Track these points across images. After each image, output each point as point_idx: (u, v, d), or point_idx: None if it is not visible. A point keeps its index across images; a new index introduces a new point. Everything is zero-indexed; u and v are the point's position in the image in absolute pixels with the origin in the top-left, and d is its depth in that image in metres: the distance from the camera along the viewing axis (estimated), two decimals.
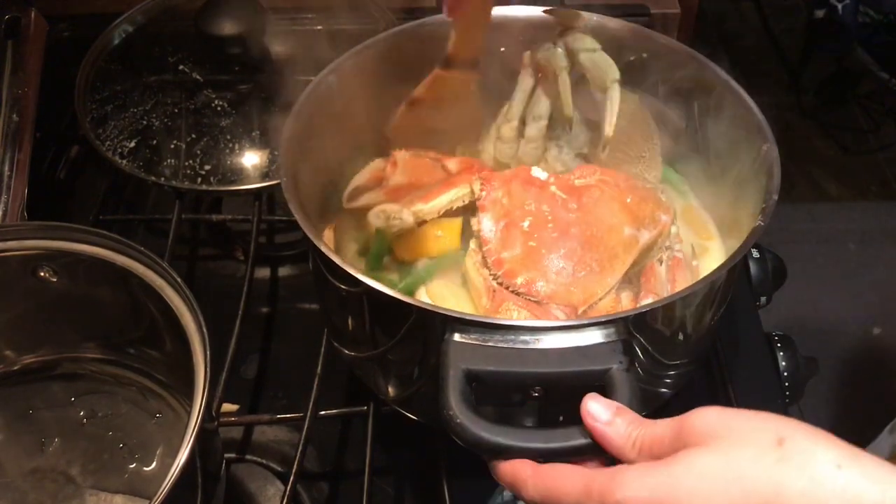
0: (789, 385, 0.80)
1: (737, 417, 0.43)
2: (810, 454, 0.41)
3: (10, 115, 0.84)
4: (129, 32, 0.98)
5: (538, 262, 0.66)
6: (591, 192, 0.69)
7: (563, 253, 0.66)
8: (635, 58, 0.77)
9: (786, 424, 0.42)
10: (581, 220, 0.68)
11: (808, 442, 0.41)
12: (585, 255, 0.66)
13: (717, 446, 0.42)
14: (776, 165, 0.64)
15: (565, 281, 0.65)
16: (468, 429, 0.50)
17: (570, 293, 0.65)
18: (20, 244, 0.65)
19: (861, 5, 2.27)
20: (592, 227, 0.67)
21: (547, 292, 0.65)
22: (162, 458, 0.69)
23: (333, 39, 0.96)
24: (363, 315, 0.63)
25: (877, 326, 1.78)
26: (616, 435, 0.47)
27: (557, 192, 0.69)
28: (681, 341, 0.62)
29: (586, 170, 0.72)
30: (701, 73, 0.73)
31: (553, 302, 0.65)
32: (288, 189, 0.63)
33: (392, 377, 0.67)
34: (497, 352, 0.53)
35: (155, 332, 0.67)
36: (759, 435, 0.42)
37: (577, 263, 0.66)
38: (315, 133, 0.71)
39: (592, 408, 0.49)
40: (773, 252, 0.91)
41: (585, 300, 0.65)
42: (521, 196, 0.69)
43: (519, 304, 0.64)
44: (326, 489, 0.76)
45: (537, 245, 0.67)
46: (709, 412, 0.44)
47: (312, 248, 0.61)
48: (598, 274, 0.66)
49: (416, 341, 0.60)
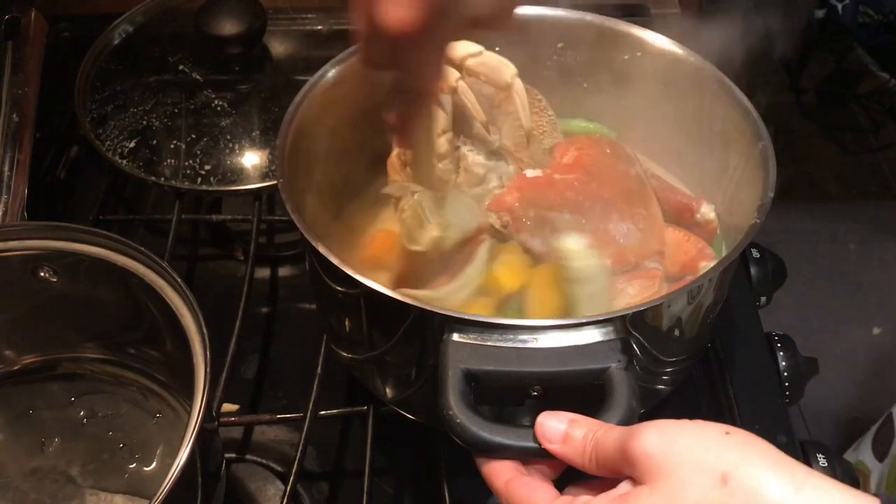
0: (789, 385, 0.80)
1: (678, 443, 0.43)
2: (755, 492, 0.41)
3: (10, 115, 0.84)
4: (129, 32, 0.98)
5: (606, 238, 0.67)
6: (584, 161, 0.71)
7: (617, 218, 0.68)
8: (629, 56, 0.77)
9: (728, 454, 0.42)
10: (601, 184, 0.70)
11: (750, 477, 0.41)
12: (631, 208, 0.69)
13: (662, 486, 0.43)
14: (772, 163, 0.65)
15: (635, 239, 0.68)
16: (468, 428, 0.50)
17: (647, 244, 0.68)
18: (20, 244, 0.65)
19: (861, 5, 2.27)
20: (613, 184, 0.70)
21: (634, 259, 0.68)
22: (162, 458, 0.69)
23: (333, 39, 0.97)
24: (361, 316, 0.63)
25: (877, 326, 1.78)
26: (572, 451, 0.48)
27: (563, 177, 0.70)
28: (679, 338, 0.63)
29: (561, 147, 0.74)
30: (695, 71, 0.73)
31: (642, 259, 0.68)
32: (284, 189, 0.63)
33: (391, 378, 0.67)
34: (496, 351, 0.53)
35: (155, 332, 0.67)
36: (702, 471, 0.42)
37: (631, 219, 0.69)
38: (313, 132, 0.71)
39: (546, 428, 0.49)
40: (773, 252, 0.91)
41: (661, 241, 0.69)
42: (541, 198, 0.69)
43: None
44: (326, 489, 0.76)
45: (594, 226, 0.68)
46: (650, 435, 0.44)
47: (310, 249, 0.61)
48: (649, 217, 0.70)
49: (415, 341, 0.60)
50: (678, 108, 0.76)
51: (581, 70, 0.80)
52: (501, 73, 0.70)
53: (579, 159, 0.72)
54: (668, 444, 0.43)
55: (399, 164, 0.75)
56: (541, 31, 0.79)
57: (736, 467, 0.42)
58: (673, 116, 0.77)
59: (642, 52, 0.76)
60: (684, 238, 0.72)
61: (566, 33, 0.79)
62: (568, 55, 0.80)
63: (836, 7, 2.25)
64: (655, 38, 0.76)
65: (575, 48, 0.79)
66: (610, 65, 0.79)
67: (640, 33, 0.76)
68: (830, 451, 0.74)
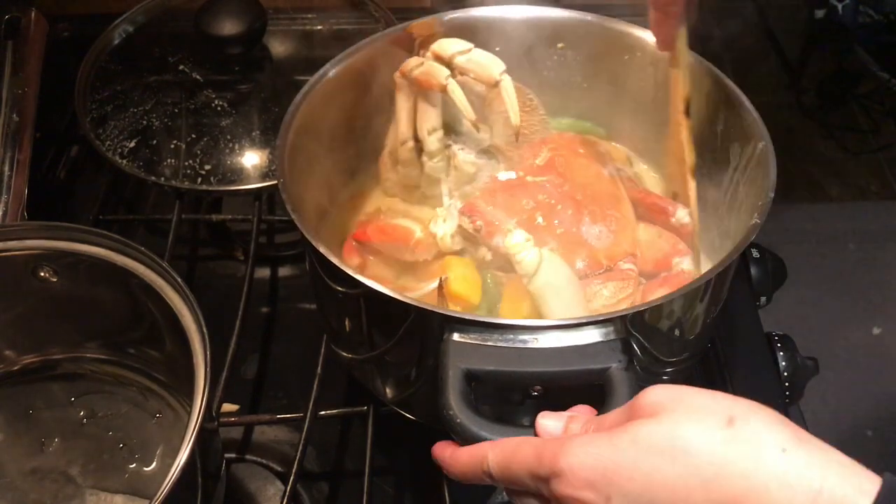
0: (789, 385, 0.80)
1: (689, 393, 0.43)
2: (758, 436, 0.41)
3: (10, 115, 0.84)
4: (129, 32, 0.98)
5: (578, 241, 0.68)
6: (557, 162, 0.72)
7: (589, 220, 0.69)
8: (629, 57, 0.77)
9: (739, 405, 0.42)
10: (574, 186, 0.70)
11: (758, 424, 0.41)
12: (603, 210, 0.70)
13: (665, 418, 0.42)
14: (772, 163, 0.64)
15: (607, 241, 0.69)
16: (469, 428, 0.50)
17: (620, 245, 0.69)
18: (20, 244, 0.65)
19: (861, 5, 2.27)
20: (586, 186, 0.71)
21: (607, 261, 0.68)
22: (162, 458, 0.69)
23: (333, 39, 0.97)
24: (362, 316, 0.63)
25: (877, 326, 1.78)
26: None
27: (536, 179, 0.71)
28: (678, 338, 0.63)
29: (535, 147, 0.74)
30: (694, 71, 0.73)
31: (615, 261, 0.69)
32: (285, 189, 0.63)
33: (391, 378, 0.67)
34: (496, 351, 0.53)
35: (155, 332, 0.67)
36: (710, 411, 0.42)
37: (603, 221, 0.69)
38: (313, 132, 0.71)
39: (545, 426, 0.49)
40: (773, 252, 0.91)
41: (632, 243, 0.69)
42: (513, 201, 0.69)
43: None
44: (326, 489, 0.76)
45: (565, 229, 0.68)
46: (659, 388, 0.44)
47: (310, 249, 0.61)
48: (622, 219, 0.70)
49: (415, 341, 0.60)
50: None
51: (581, 69, 0.80)
52: (490, 70, 0.69)
53: (552, 161, 0.73)
54: (677, 392, 0.43)
55: (391, 163, 0.76)
56: (541, 30, 0.79)
57: (745, 414, 0.41)
58: (672, 116, 0.77)
59: (642, 52, 0.76)
60: (657, 234, 0.72)
61: (566, 33, 0.79)
62: (568, 54, 0.80)
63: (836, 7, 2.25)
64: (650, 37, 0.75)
65: (575, 48, 0.80)
66: (609, 64, 0.79)
67: (639, 33, 0.76)
68: None
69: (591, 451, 0.43)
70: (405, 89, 0.72)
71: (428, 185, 0.76)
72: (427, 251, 0.71)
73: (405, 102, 0.73)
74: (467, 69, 0.70)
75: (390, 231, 0.72)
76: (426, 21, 0.75)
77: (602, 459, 0.42)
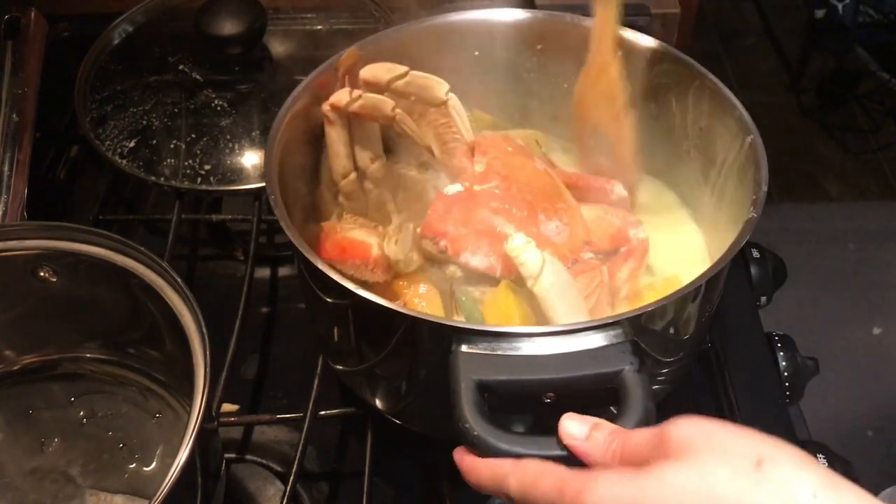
0: (789, 385, 0.80)
1: (718, 431, 0.42)
2: (788, 480, 0.40)
3: (10, 115, 0.84)
4: (129, 32, 0.98)
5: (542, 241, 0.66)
6: (496, 166, 0.71)
7: (545, 218, 0.69)
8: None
9: (768, 445, 0.41)
10: (520, 187, 0.70)
11: (789, 466, 0.40)
12: (552, 205, 0.70)
13: (693, 460, 0.41)
14: (762, 156, 0.64)
15: (565, 235, 0.69)
16: (486, 440, 0.49)
17: (577, 236, 0.70)
18: (20, 244, 0.65)
19: (861, 5, 2.27)
20: (529, 184, 0.71)
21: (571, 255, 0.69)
22: (162, 458, 0.69)
23: (333, 39, 0.97)
24: (365, 330, 0.63)
25: (877, 326, 1.78)
26: (595, 449, 0.47)
27: (483, 188, 0.70)
28: (678, 337, 0.62)
29: (467, 153, 0.73)
30: (678, 69, 0.73)
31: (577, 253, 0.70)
32: (273, 192, 0.63)
33: (394, 391, 0.67)
34: (506, 360, 0.52)
35: (155, 332, 0.67)
36: (738, 453, 0.41)
37: (556, 215, 0.70)
38: (300, 142, 0.71)
39: (569, 427, 0.48)
40: (773, 252, 0.91)
41: (585, 229, 0.71)
42: (468, 213, 0.68)
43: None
44: (326, 489, 0.76)
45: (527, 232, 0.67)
46: (690, 423, 0.43)
47: (305, 264, 0.60)
48: (568, 209, 0.71)
49: (422, 354, 0.59)
50: (661, 106, 0.76)
51: (561, 71, 0.78)
52: (434, 91, 0.68)
53: (491, 166, 0.71)
54: (707, 428, 0.43)
55: (330, 196, 0.74)
56: (519, 32, 0.78)
57: (774, 455, 0.41)
58: (656, 114, 0.76)
59: (623, 52, 0.74)
60: (602, 212, 0.72)
61: (545, 34, 0.78)
62: (548, 56, 0.79)
63: (836, 7, 2.25)
64: (637, 38, 0.74)
65: (555, 49, 0.78)
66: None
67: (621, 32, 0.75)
68: (830, 451, 0.74)
69: (616, 490, 0.42)
70: (338, 122, 0.69)
71: (376, 210, 0.73)
72: (385, 272, 0.68)
73: (340, 135, 0.70)
74: (408, 92, 0.68)
75: (348, 247, 0.70)
76: (348, 52, 0.72)
77: (627, 501, 0.42)
